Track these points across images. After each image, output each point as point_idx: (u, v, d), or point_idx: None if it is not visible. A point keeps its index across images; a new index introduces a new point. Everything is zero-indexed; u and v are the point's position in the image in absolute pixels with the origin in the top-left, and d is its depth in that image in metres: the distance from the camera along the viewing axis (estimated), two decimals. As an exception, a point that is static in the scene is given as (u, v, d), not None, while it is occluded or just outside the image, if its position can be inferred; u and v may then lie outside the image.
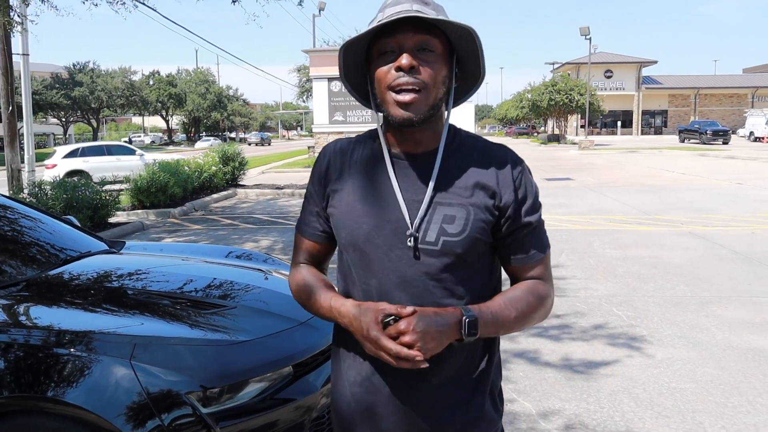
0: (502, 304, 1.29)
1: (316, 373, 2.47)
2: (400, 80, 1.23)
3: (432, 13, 1.23)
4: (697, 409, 3.58)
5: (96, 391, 2.14)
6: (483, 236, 1.30)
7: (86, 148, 18.91)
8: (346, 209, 1.35)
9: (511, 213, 1.31)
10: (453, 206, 1.29)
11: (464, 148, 1.35)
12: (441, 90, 1.27)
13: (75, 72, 44.50)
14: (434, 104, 1.26)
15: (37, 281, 2.92)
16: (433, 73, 1.24)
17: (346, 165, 1.38)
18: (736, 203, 12.23)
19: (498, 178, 1.31)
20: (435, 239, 1.27)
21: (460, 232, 1.28)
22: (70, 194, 9.28)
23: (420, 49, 1.24)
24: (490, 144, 1.37)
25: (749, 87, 59.19)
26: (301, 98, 52.98)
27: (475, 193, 1.30)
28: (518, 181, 1.32)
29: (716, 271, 6.83)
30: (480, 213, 1.29)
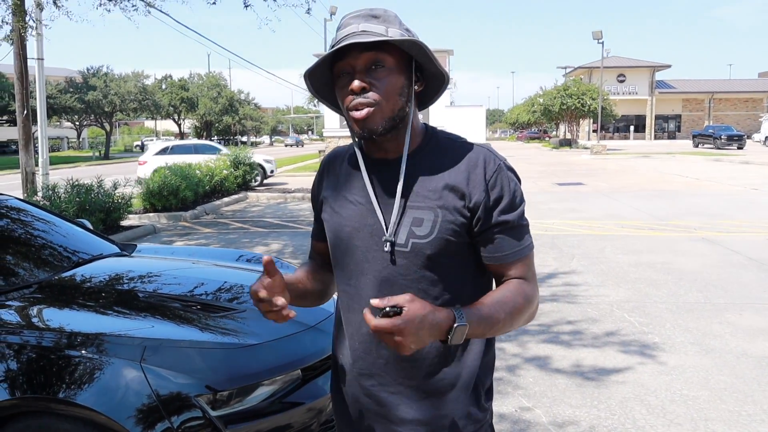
0: (491, 306, 1.29)
1: (325, 377, 2.47)
2: (353, 102, 1.30)
3: (378, 29, 1.28)
4: (710, 417, 3.54)
5: (106, 393, 2.15)
6: (454, 237, 1.32)
7: (175, 146, 19.52)
8: (331, 215, 1.45)
9: (483, 213, 1.32)
10: (422, 209, 1.33)
11: (438, 149, 1.38)
12: (399, 100, 1.32)
13: (89, 76, 44.83)
14: (393, 115, 1.31)
15: (49, 284, 2.94)
16: (386, 88, 1.30)
17: (334, 173, 1.49)
18: (750, 209, 12.11)
19: (469, 179, 1.33)
20: (405, 241, 1.33)
21: (428, 234, 1.32)
22: (83, 197, 9.35)
23: (371, 67, 1.30)
24: (467, 144, 1.39)
25: (765, 91, 58.66)
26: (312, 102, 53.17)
27: (444, 195, 1.33)
28: (492, 180, 1.33)
29: (730, 277, 6.76)
30: (448, 214, 1.32)
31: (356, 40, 1.26)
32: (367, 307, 1.21)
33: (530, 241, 1.39)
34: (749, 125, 56.11)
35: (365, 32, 1.28)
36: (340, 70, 1.33)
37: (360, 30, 1.29)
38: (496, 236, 1.34)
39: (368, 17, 1.31)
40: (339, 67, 1.32)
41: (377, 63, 1.30)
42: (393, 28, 1.30)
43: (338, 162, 1.50)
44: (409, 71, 1.34)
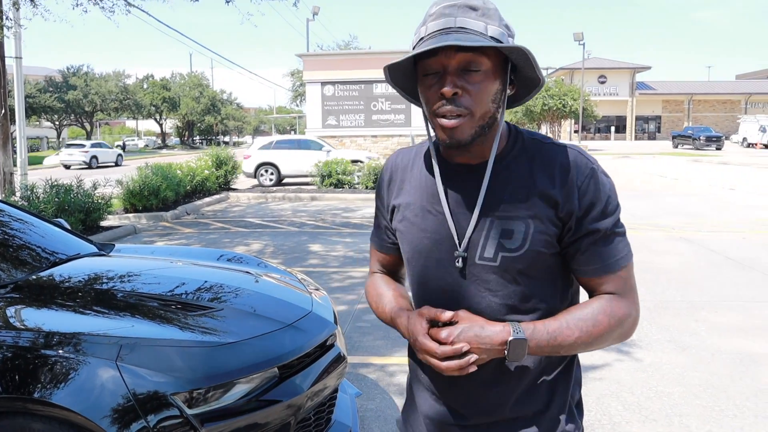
0: (564, 324, 1.20)
1: (302, 375, 2.48)
2: (443, 108, 1.17)
3: (477, 26, 1.15)
4: (684, 412, 3.60)
5: (82, 392, 2.14)
6: (546, 248, 1.22)
7: (279, 141, 19.58)
8: (408, 225, 1.33)
9: (575, 222, 1.21)
10: (511, 219, 1.22)
11: (526, 153, 1.26)
12: (491, 106, 1.19)
13: (69, 75, 44.37)
14: (483, 123, 1.19)
15: (25, 283, 2.91)
16: (479, 95, 1.17)
17: (407, 179, 1.36)
18: (728, 209, 12.30)
19: (560, 185, 1.21)
20: (493, 255, 1.22)
21: (519, 246, 1.21)
22: (62, 198, 9.25)
23: (464, 70, 1.16)
24: (556, 146, 1.26)
25: (742, 93, 59.56)
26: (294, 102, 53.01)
27: (535, 203, 1.21)
28: (584, 186, 1.21)
29: (707, 276, 6.87)
30: (540, 225, 1.21)
31: (454, 41, 1.10)
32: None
33: (626, 252, 1.25)
34: (727, 126, 56.94)
35: (463, 29, 1.14)
36: (428, 68, 1.18)
37: (457, 25, 1.14)
38: (587, 247, 1.22)
39: (465, 8, 1.16)
40: (427, 63, 1.18)
41: (472, 66, 1.16)
42: (493, 25, 1.16)
43: (410, 165, 1.37)
44: (505, 74, 1.21)
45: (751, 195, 14.62)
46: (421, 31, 1.20)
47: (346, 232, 9.98)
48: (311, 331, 2.67)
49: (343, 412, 2.90)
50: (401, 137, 23.62)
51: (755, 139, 41.34)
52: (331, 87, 23.87)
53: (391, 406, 3.67)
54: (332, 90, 23.86)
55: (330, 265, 7.57)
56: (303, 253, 8.27)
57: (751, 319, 5.29)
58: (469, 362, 1.16)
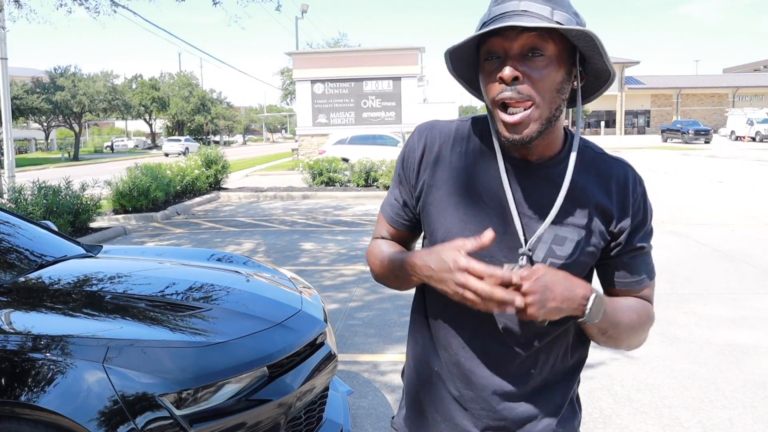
0: (621, 305, 1.20)
1: (292, 374, 2.47)
2: (503, 95, 1.09)
3: (543, 11, 1.08)
4: (674, 404, 3.62)
5: (69, 395, 2.12)
6: (590, 260, 1.21)
7: (354, 137, 19.60)
8: (448, 212, 1.22)
9: (625, 238, 1.21)
10: (565, 226, 1.18)
11: (582, 160, 1.21)
12: (557, 98, 1.12)
13: (56, 76, 43.94)
14: (549, 117, 1.12)
15: (11, 286, 2.89)
16: (544, 82, 1.09)
17: (448, 158, 1.24)
18: (716, 202, 12.38)
19: (617, 200, 1.20)
20: (542, 259, 1.18)
21: (569, 255, 1.18)
22: (50, 199, 9.18)
23: (528, 54, 1.08)
24: (609, 158, 1.24)
25: (730, 87, 59.94)
26: (285, 101, 52.88)
27: (591, 214, 1.19)
28: (638, 204, 1.21)
29: (696, 268, 6.91)
30: (592, 237, 1.19)
31: (515, 22, 1.04)
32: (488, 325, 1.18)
33: (653, 265, 1.28)
34: (715, 120, 57.30)
35: (527, 12, 1.07)
36: (488, 52, 1.11)
37: (521, 9, 1.07)
38: (630, 261, 1.23)
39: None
40: (488, 47, 1.10)
41: (536, 49, 1.08)
42: (560, 11, 1.09)
43: (450, 142, 1.25)
44: (571, 64, 1.13)
45: (740, 188, 14.73)
46: (484, 16, 1.14)
47: (337, 230, 9.98)
48: (301, 329, 2.66)
49: (335, 411, 2.89)
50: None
51: (743, 132, 41.62)
52: (321, 85, 23.83)
53: (383, 404, 3.68)
54: (322, 88, 23.82)
55: (322, 263, 7.56)
56: (295, 252, 8.26)
57: (739, 311, 5.33)
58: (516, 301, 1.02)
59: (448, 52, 1.14)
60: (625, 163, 1.23)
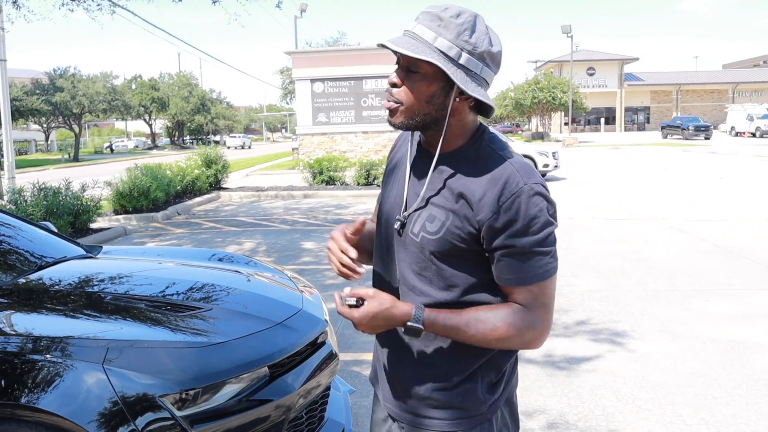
0: (464, 322, 1.34)
1: (293, 374, 2.46)
2: (386, 92, 1.41)
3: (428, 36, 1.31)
4: (677, 401, 3.61)
5: (69, 396, 2.11)
6: (460, 242, 1.36)
7: None
8: (384, 187, 1.59)
9: (488, 232, 1.32)
10: (438, 207, 1.39)
11: (474, 156, 1.40)
12: (426, 106, 1.36)
13: (55, 77, 43.88)
14: (418, 117, 1.37)
15: (11, 287, 2.88)
16: (413, 93, 1.35)
17: (400, 149, 1.60)
18: (717, 197, 12.37)
19: (483, 194, 1.33)
20: (417, 232, 1.41)
21: (436, 232, 1.38)
22: (50, 200, 9.17)
23: (408, 68, 1.35)
24: (500, 158, 1.37)
25: (729, 83, 59.89)
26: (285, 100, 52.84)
27: (459, 201, 1.36)
28: (508, 202, 1.30)
29: (697, 264, 6.90)
30: (457, 221, 1.36)
31: (388, 43, 1.31)
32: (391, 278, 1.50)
33: (543, 270, 1.32)
34: (715, 116, 57.22)
35: (414, 35, 1.33)
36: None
37: (413, 31, 1.33)
38: (501, 258, 1.34)
39: (434, 17, 1.32)
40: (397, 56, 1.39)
41: (414, 67, 1.34)
42: (443, 38, 1.31)
43: (408, 140, 1.58)
44: (450, 81, 1.33)
45: (740, 184, 14.70)
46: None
47: (337, 229, 9.95)
48: (302, 329, 2.65)
49: (337, 410, 2.88)
50: (392, 133, 23.58)
51: (743, 128, 41.57)
52: (321, 84, 23.79)
53: (384, 403, 3.66)
54: (322, 87, 23.78)
55: (323, 262, 7.54)
56: (296, 251, 8.25)
57: (741, 307, 5.31)
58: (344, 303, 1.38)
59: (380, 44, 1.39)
60: (513, 165, 1.35)
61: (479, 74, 1.34)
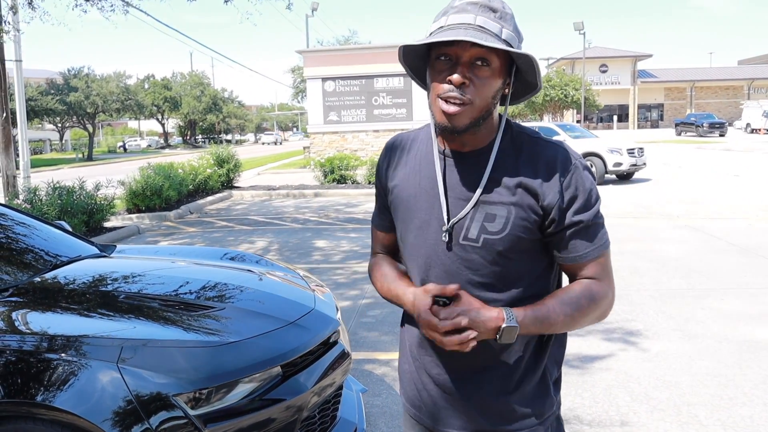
0: (551, 309, 1.31)
1: (306, 373, 2.46)
2: (448, 93, 1.27)
3: (494, 27, 1.25)
4: (692, 402, 3.57)
5: (84, 395, 2.13)
6: (526, 234, 1.32)
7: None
8: (401, 204, 1.44)
9: (557, 213, 1.31)
10: (495, 205, 1.32)
11: (514, 145, 1.36)
12: (491, 102, 1.30)
13: (70, 77, 44.24)
14: (479, 116, 1.30)
15: (26, 286, 2.90)
16: (483, 88, 1.27)
17: (403, 160, 1.46)
18: (732, 195, 12.24)
19: (543, 178, 1.31)
20: (476, 237, 1.33)
21: (500, 230, 1.32)
22: (65, 200, 9.25)
23: (475, 63, 1.26)
24: (543, 141, 1.36)
25: (745, 79, 59.23)
26: (296, 99, 52.91)
27: (518, 192, 1.31)
28: (566, 181, 1.31)
29: (712, 263, 6.83)
30: (521, 212, 1.31)
31: (472, 38, 1.21)
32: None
33: (605, 240, 1.36)
34: (730, 113, 56.63)
35: (482, 28, 1.24)
36: (441, 53, 1.28)
37: (477, 23, 1.24)
38: (570, 237, 1.33)
39: (486, 8, 1.26)
40: (443, 50, 1.28)
41: (483, 60, 1.26)
42: (507, 29, 1.27)
43: (406, 149, 1.47)
44: (508, 75, 1.32)
45: (756, 181, 14.54)
46: (441, 20, 1.29)
47: (350, 228, 9.97)
48: (314, 328, 2.65)
49: (349, 409, 2.88)
50: (403, 131, 23.53)
51: (759, 124, 41.09)
52: (332, 82, 23.81)
53: (397, 402, 3.66)
54: (333, 85, 23.80)
55: (334, 260, 7.55)
56: (307, 250, 8.26)
57: (757, 306, 5.25)
58: (468, 337, 1.25)
59: (403, 47, 1.33)
60: (557, 146, 1.36)
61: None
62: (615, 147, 14.95)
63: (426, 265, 1.40)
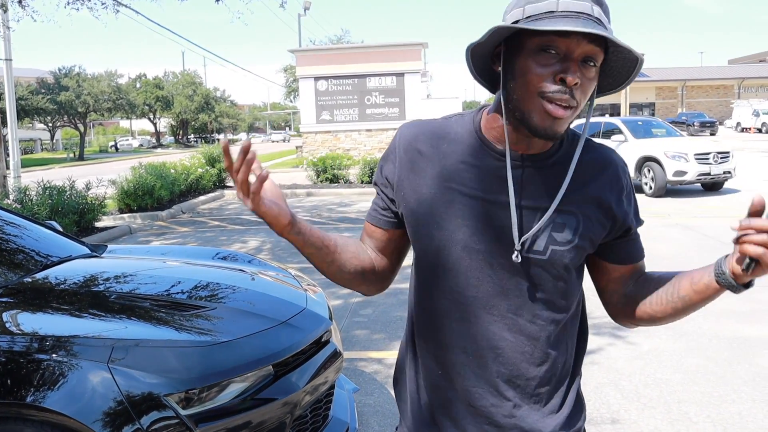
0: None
1: (298, 372, 2.46)
2: (557, 95, 1.09)
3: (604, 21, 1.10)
4: (682, 399, 3.60)
5: (74, 396, 2.12)
6: (589, 246, 1.23)
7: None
8: (436, 210, 1.21)
9: (624, 217, 1.24)
10: (563, 213, 1.19)
11: (569, 146, 1.23)
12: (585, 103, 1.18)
13: (60, 77, 44.02)
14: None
15: (17, 286, 2.89)
16: (588, 90, 1.12)
17: (435, 159, 1.23)
18: (723, 194, 12.31)
19: (609, 186, 1.23)
20: (543, 248, 1.18)
21: (569, 240, 1.19)
22: (55, 199, 9.20)
23: (584, 60, 1.10)
24: (595, 144, 1.27)
25: (735, 78, 59.57)
26: (288, 98, 52.85)
27: (587, 200, 1.21)
28: (627, 187, 1.26)
29: (703, 261, 6.79)
30: (590, 222, 1.20)
31: (601, 31, 1.03)
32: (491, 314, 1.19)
33: None
34: (721, 111, 56.97)
35: (600, 22, 1.08)
36: (548, 45, 1.08)
37: (595, 15, 1.07)
38: (629, 240, 1.29)
39: (595, 1, 1.09)
40: (550, 40, 1.08)
41: (593, 60, 1.10)
42: (609, 24, 1.13)
43: (434, 140, 1.25)
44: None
45: (745, 179, 14.63)
46: (551, 3, 1.07)
47: (342, 227, 9.97)
48: (306, 327, 2.65)
49: (341, 408, 2.89)
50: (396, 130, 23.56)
51: (749, 123, 41.34)
52: (325, 82, 23.79)
53: (389, 401, 3.67)
54: (326, 85, 23.79)
55: (326, 260, 7.54)
56: (299, 249, 8.24)
57: (746, 303, 5.29)
58: None
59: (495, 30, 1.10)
60: (611, 150, 1.28)
61: None
62: (679, 151, 12.12)
63: (474, 282, 1.20)
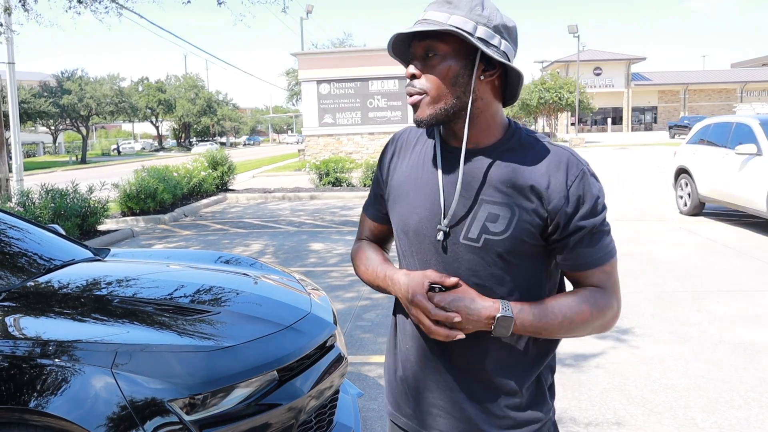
0: (549, 309, 1.27)
1: (302, 377, 2.44)
2: (407, 88, 1.32)
3: (440, 18, 1.26)
4: (688, 404, 3.57)
5: (77, 401, 2.10)
6: (528, 238, 1.28)
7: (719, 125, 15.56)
8: (400, 200, 1.41)
9: (562, 219, 1.27)
10: (498, 205, 1.28)
11: (519, 147, 1.33)
12: (453, 89, 1.28)
13: (63, 80, 44.12)
14: (445, 105, 1.29)
15: (19, 291, 2.87)
16: (436, 77, 1.28)
17: (408, 154, 1.45)
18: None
19: (549, 182, 1.27)
20: (477, 236, 1.29)
21: (503, 231, 1.28)
22: (58, 203, 9.20)
23: (427, 55, 1.28)
24: (550, 145, 1.34)
25: (738, 82, 59.52)
26: (291, 101, 52.89)
27: (523, 194, 1.28)
28: (573, 186, 1.27)
29: (707, 265, 6.84)
30: (525, 215, 1.27)
31: (406, 30, 1.26)
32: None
33: (610, 248, 1.33)
34: (724, 115, 56.85)
35: (425, 20, 1.26)
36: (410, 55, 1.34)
37: (422, 18, 1.28)
38: (574, 243, 1.29)
39: (442, 3, 1.28)
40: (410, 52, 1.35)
41: (431, 51, 1.28)
42: (457, 15, 1.25)
43: (412, 143, 1.46)
44: (471, 59, 1.28)
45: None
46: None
47: (345, 230, 9.95)
48: (310, 332, 2.63)
49: (345, 413, 2.86)
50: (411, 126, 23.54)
51: (752, 127, 41.27)
52: (327, 85, 23.80)
53: (393, 406, 3.64)
54: (328, 88, 23.80)
55: (330, 263, 7.53)
56: (303, 253, 8.24)
57: (752, 308, 5.26)
58: (455, 336, 1.25)
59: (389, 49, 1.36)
60: (564, 150, 1.33)
61: (499, 47, 1.27)
62: None
63: (423, 263, 1.36)
